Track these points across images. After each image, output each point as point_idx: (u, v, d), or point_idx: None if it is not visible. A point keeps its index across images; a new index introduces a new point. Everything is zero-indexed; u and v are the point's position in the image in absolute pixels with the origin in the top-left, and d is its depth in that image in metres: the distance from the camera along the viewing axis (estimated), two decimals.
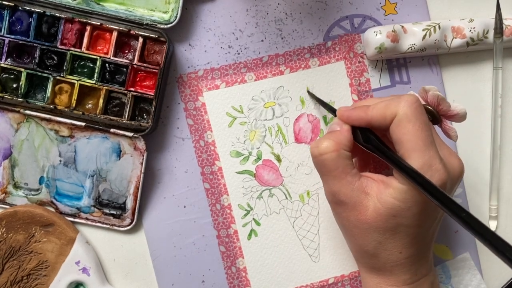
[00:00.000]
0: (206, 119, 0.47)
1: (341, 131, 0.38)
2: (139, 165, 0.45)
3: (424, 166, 0.34)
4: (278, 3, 0.46)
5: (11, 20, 0.44)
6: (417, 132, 0.35)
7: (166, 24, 0.44)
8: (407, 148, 0.35)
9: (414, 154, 0.34)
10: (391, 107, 0.36)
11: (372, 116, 0.37)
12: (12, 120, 0.45)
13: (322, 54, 0.47)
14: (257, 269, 0.47)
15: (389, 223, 0.35)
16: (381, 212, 0.35)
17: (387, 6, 0.47)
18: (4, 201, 0.46)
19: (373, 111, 0.37)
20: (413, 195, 0.35)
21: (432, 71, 0.47)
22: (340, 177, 0.37)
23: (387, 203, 0.35)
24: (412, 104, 0.35)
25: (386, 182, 0.36)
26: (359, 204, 0.36)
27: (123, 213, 0.46)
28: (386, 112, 0.36)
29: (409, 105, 0.35)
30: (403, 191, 0.35)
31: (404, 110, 0.35)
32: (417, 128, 0.35)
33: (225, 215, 0.47)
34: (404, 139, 0.35)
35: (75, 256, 0.45)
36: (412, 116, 0.35)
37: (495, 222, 0.48)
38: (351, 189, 0.37)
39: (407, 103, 0.35)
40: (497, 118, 0.47)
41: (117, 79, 0.45)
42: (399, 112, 0.35)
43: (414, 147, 0.35)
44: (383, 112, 0.36)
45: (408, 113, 0.35)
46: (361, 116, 0.38)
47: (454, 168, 0.37)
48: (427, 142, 0.35)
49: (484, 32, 0.46)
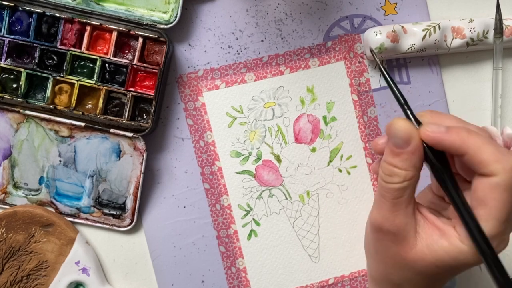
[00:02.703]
0: (206, 119, 0.47)
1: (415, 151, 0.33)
2: (139, 165, 0.45)
3: (497, 237, 0.32)
4: (278, 3, 0.46)
5: (11, 20, 0.44)
6: (506, 203, 0.31)
7: (166, 24, 0.44)
8: (490, 213, 0.32)
9: (494, 222, 0.32)
10: (497, 162, 0.31)
11: (468, 153, 0.32)
12: (12, 120, 0.45)
13: (322, 54, 0.47)
14: (257, 270, 0.47)
15: (429, 270, 0.33)
16: (426, 258, 0.33)
17: (387, 6, 0.47)
18: (4, 201, 0.46)
19: (473, 150, 0.32)
20: (468, 258, 0.32)
21: (432, 71, 0.47)
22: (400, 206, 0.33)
23: (436, 254, 0.33)
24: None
25: (443, 231, 0.33)
26: (406, 240, 0.34)
27: (123, 213, 0.46)
28: (489, 164, 0.31)
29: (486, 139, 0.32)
30: (460, 251, 0.32)
31: (507, 177, 0.31)
32: (509, 200, 0.31)
33: (225, 215, 0.47)
34: (489, 203, 0.32)
35: (75, 256, 0.45)
36: (510, 186, 0.31)
37: None
38: (405, 223, 0.33)
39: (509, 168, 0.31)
40: (497, 118, 0.47)
41: (117, 79, 0.45)
42: (499, 175, 0.31)
43: (496, 217, 0.32)
44: (485, 160, 0.31)
45: (509, 182, 0.31)
46: (456, 145, 0.32)
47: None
48: (509, 216, 0.32)
49: (484, 32, 0.46)
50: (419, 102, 0.47)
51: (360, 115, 0.47)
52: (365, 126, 0.47)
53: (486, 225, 0.32)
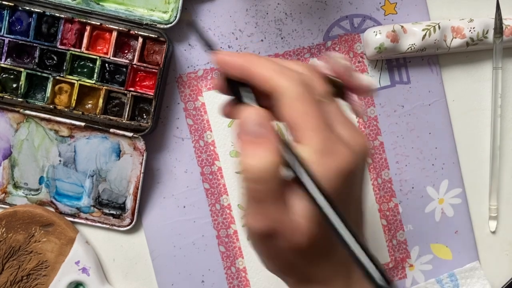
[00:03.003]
0: (206, 119, 0.47)
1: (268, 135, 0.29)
2: (138, 165, 0.45)
3: (325, 151, 0.27)
4: (278, 3, 0.46)
5: (11, 20, 0.44)
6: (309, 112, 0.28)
7: (165, 24, 0.44)
8: (300, 130, 0.28)
9: (308, 137, 0.28)
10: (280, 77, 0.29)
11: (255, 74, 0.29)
12: (12, 120, 0.46)
13: (322, 54, 0.47)
14: (257, 269, 0.47)
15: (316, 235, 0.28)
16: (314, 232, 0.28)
17: (387, 6, 0.47)
18: (4, 201, 0.46)
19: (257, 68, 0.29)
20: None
21: (432, 71, 0.47)
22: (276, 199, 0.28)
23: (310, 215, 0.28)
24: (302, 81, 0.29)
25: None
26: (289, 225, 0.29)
27: (123, 213, 0.46)
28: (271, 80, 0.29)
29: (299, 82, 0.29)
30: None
31: (293, 87, 0.28)
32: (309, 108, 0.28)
33: (225, 215, 0.47)
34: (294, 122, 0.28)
35: (74, 256, 0.45)
36: (302, 95, 0.28)
37: (495, 222, 0.48)
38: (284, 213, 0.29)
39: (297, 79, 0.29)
40: (497, 118, 0.47)
41: (116, 79, 0.45)
42: (285, 87, 0.28)
43: (308, 129, 0.28)
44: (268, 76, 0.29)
45: (299, 91, 0.28)
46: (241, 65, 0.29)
47: (359, 146, 0.30)
48: (322, 122, 0.28)
49: (483, 32, 0.46)
50: (419, 101, 0.47)
51: None
52: (365, 126, 0.47)
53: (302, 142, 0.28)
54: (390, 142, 0.47)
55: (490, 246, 0.49)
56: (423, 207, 0.48)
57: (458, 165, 0.48)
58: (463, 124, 0.48)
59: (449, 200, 0.48)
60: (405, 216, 0.48)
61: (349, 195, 0.30)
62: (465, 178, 0.48)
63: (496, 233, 0.49)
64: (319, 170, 0.28)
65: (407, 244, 0.48)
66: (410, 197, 0.48)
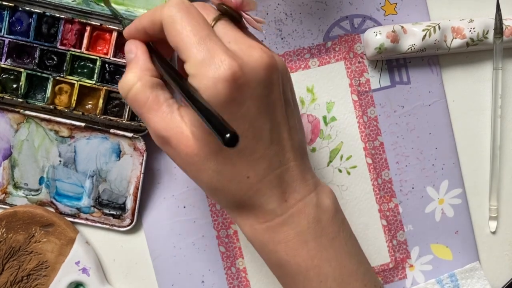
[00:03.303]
0: None
1: (136, 57, 0.33)
2: (138, 166, 0.45)
3: (205, 60, 0.29)
4: (278, 4, 0.46)
5: (11, 20, 0.44)
6: (184, 30, 0.30)
7: None
8: (181, 48, 0.30)
9: (190, 51, 0.29)
10: (156, 10, 0.32)
11: (143, 24, 0.33)
12: (12, 120, 0.46)
13: (322, 55, 0.47)
14: (257, 270, 0.47)
15: (212, 146, 0.31)
16: (198, 136, 0.31)
17: (387, 6, 0.47)
18: (4, 201, 0.46)
19: (142, 18, 0.33)
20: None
21: (432, 71, 0.47)
22: (153, 108, 0.32)
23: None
24: (178, 3, 0.31)
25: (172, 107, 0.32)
26: (180, 135, 0.31)
27: (123, 213, 0.46)
28: (154, 16, 0.32)
29: (175, 4, 0.31)
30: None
31: (169, 11, 0.30)
32: (184, 26, 0.30)
33: (225, 215, 0.47)
34: (175, 40, 0.30)
35: (75, 256, 0.45)
36: (178, 15, 0.30)
37: (495, 222, 0.48)
38: (169, 120, 0.31)
39: (171, 4, 0.31)
40: (497, 119, 0.47)
41: (117, 79, 0.45)
42: (164, 15, 0.31)
43: (186, 44, 0.30)
44: (151, 16, 0.32)
45: (174, 13, 0.30)
46: (135, 26, 0.34)
47: (251, 60, 0.30)
48: (201, 35, 0.30)
49: (484, 33, 0.46)
50: (419, 102, 0.47)
51: (360, 115, 0.47)
52: (365, 126, 0.47)
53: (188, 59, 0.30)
54: (390, 142, 0.47)
55: (490, 247, 0.49)
56: (423, 208, 0.48)
57: (458, 166, 0.48)
58: (463, 124, 0.48)
59: (449, 200, 0.48)
60: (405, 216, 0.48)
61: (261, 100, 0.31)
62: (465, 178, 0.48)
63: (496, 234, 0.49)
64: (198, 80, 0.29)
65: (407, 244, 0.48)
66: (410, 198, 0.48)
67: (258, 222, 0.33)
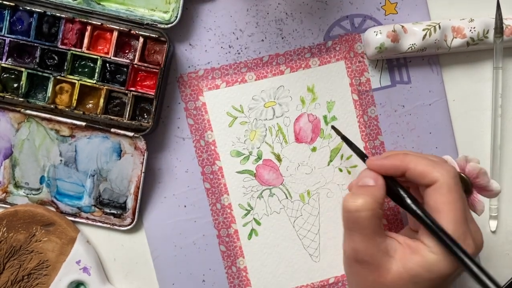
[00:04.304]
0: (207, 119, 0.47)
1: (377, 187, 0.37)
2: (139, 165, 0.45)
3: (459, 240, 0.34)
4: (279, 3, 0.46)
5: (11, 20, 0.44)
6: (457, 203, 0.34)
7: (166, 24, 0.44)
8: (444, 218, 0.34)
9: (450, 226, 0.34)
10: (434, 169, 0.35)
11: (409, 168, 0.37)
12: (13, 120, 0.46)
13: (322, 54, 0.47)
14: (258, 269, 0.47)
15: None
16: (403, 277, 0.35)
17: (387, 6, 0.47)
18: (5, 200, 0.46)
19: (411, 163, 0.36)
20: (441, 267, 0.34)
21: (432, 71, 0.47)
22: (369, 236, 0.36)
23: (412, 270, 0.34)
24: (455, 174, 0.35)
25: (413, 247, 0.35)
26: (381, 266, 0.35)
27: (124, 213, 0.46)
28: (427, 172, 0.36)
29: (452, 175, 0.35)
30: (432, 262, 0.34)
31: (447, 179, 0.35)
32: (457, 200, 0.34)
33: (226, 214, 0.47)
34: (442, 208, 0.35)
35: (75, 256, 0.45)
36: (453, 187, 0.35)
37: (495, 222, 0.48)
38: (377, 250, 0.36)
39: (450, 172, 0.35)
40: (497, 118, 0.47)
41: (117, 78, 0.45)
42: (440, 179, 0.35)
43: (452, 219, 0.34)
44: (423, 169, 0.36)
45: (451, 183, 0.35)
46: (396, 164, 0.37)
47: (478, 245, 0.36)
48: (464, 215, 0.34)
49: (484, 32, 0.46)
50: (419, 101, 0.47)
51: (360, 114, 0.47)
52: (366, 126, 0.47)
53: (447, 230, 0.34)
54: (391, 142, 0.47)
55: (491, 246, 0.49)
56: None
57: None
58: (463, 124, 0.48)
59: None
60: (405, 215, 0.48)
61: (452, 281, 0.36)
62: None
63: (496, 233, 0.49)
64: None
65: None
66: None
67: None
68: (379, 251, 0.36)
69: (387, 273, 0.35)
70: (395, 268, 0.35)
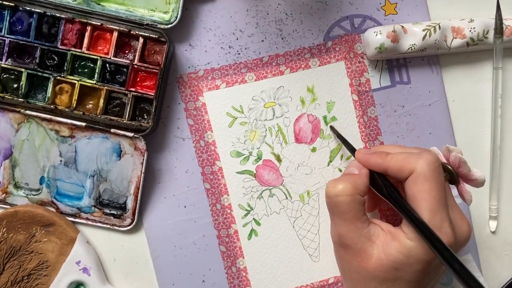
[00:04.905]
0: (207, 119, 0.47)
1: (359, 175, 0.39)
2: (139, 165, 0.45)
3: (434, 228, 0.34)
4: (279, 4, 0.46)
5: (11, 20, 0.44)
6: (432, 192, 0.35)
7: (166, 24, 0.44)
8: (420, 206, 0.35)
9: (426, 213, 0.35)
10: (410, 161, 0.36)
11: (389, 166, 0.37)
12: (13, 120, 0.46)
13: (322, 54, 0.47)
14: (257, 269, 0.47)
15: (390, 274, 0.36)
16: (383, 263, 0.36)
17: (387, 6, 0.47)
18: (4, 201, 0.46)
19: (391, 161, 0.37)
20: (418, 253, 0.35)
21: (432, 71, 0.47)
22: (350, 221, 0.37)
23: (391, 256, 0.36)
24: (432, 163, 0.36)
25: (394, 234, 0.36)
26: (363, 251, 0.37)
27: (124, 213, 0.46)
28: (404, 165, 0.36)
29: (428, 164, 0.36)
30: (409, 248, 0.35)
31: (423, 168, 0.35)
32: (433, 188, 0.35)
33: (226, 215, 0.47)
34: (418, 196, 0.35)
35: (75, 256, 0.45)
36: (429, 176, 0.35)
37: (495, 222, 0.48)
38: (358, 235, 0.37)
39: (426, 161, 0.36)
40: (497, 118, 0.47)
41: (117, 79, 0.45)
42: (417, 169, 0.36)
43: (427, 207, 0.35)
44: (401, 164, 0.37)
45: (426, 172, 0.35)
46: (378, 162, 0.38)
47: (462, 233, 0.37)
48: (440, 203, 0.35)
49: (484, 32, 0.46)
50: (419, 102, 0.47)
51: (360, 115, 0.47)
52: (365, 126, 0.47)
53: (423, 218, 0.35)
54: (391, 142, 0.47)
55: (490, 246, 0.49)
56: None
57: None
58: (463, 124, 0.48)
59: None
60: None
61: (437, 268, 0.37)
62: None
63: (496, 233, 0.49)
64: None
65: None
66: None
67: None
68: (361, 236, 0.37)
69: (369, 258, 0.36)
70: (377, 253, 0.36)
